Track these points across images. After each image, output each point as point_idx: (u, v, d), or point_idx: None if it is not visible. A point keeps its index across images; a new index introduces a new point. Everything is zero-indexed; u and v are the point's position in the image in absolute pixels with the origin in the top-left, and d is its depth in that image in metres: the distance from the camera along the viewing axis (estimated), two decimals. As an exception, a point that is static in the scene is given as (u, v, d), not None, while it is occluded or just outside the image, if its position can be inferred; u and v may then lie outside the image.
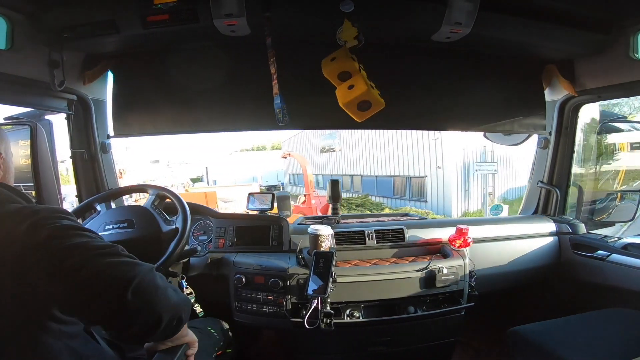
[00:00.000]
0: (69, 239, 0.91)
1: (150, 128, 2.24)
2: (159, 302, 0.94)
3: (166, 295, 0.97)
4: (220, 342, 1.63)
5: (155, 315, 0.94)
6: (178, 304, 1.01)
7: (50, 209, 0.99)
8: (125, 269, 0.92)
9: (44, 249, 0.89)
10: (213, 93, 2.07)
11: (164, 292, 0.97)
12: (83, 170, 2.25)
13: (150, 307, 0.93)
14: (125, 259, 0.94)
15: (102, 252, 0.92)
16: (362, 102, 1.70)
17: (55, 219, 0.94)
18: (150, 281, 0.94)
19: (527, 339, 1.74)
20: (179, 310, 1.01)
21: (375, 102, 1.70)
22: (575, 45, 1.96)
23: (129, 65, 2.09)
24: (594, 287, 2.10)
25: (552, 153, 2.45)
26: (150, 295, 0.93)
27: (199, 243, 2.08)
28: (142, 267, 0.95)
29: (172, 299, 0.99)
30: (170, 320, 0.98)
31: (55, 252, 0.89)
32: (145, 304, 0.92)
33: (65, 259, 0.88)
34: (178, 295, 1.03)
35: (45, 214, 0.95)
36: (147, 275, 0.94)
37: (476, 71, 2.22)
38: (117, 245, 0.97)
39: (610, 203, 2.53)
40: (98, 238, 0.98)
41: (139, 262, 0.96)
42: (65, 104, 2.04)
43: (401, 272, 1.84)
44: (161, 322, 0.95)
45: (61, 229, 0.93)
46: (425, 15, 1.69)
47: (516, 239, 2.24)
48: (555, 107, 2.37)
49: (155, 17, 1.60)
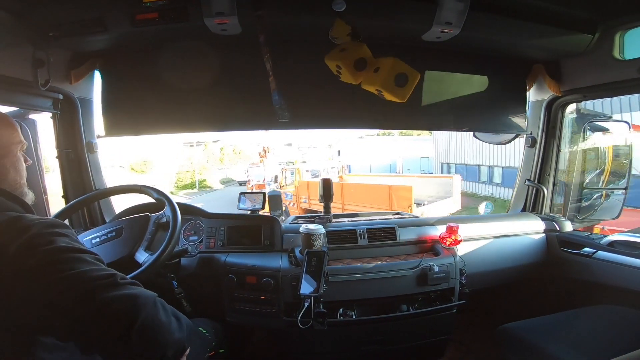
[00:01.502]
0: (65, 265, 0.86)
1: (140, 128, 2.21)
2: (163, 341, 0.92)
3: (169, 331, 0.94)
4: (213, 343, 1.62)
5: (159, 353, 0.91)
6: (181, 337, 0.98)
7: (44, 224, 0.93)
8: (128, 305, 0.88)
9: (37, 278, 0.84)
10: (204, 92, 2.05)
11: (168, 328, 0.93)
12: (69, 171, 2.21)
13: (155, 347, 0.91)
14: (127, 290, 0.90)
15: (103, 284, 0.87)
16: (398, 76, 1.61)
17: (48, 238, 0.89)
18: (154, 318, 0.91)
19: (517, 336, 1.77)
20: (182, 342, 0.98)
21: (410, 72, 1.62)
22: (561, 45, 1.99)
23: (118, 64, 2.06)
24: (581, 284, 2.14)
25: (538, 152, 2.48)
26: (154, 334, 0.90)
27: (190, 243, 2.06)
28: (145, 300, 0.91)
29: (175, 334, 0.96)
30: (174, 354, 0.96)
31: (51, 283, 0.85)
32: (149, 344, 0.89)
33: (62, 293, 0.84)
34: (180, 327, 0.99)
35: (37, 230, 0.89)
36: (151, 312, 0.90)
37: (465, 71, 2.24)
38: (116, 273, 0.92)
39: (596, 201, 2.58)
40: (95, 262, 0.93)
41: (141, 293, 0.92)
42: (51, 103, 2.00)
43: (393, 271, 1.85)
44: (166, 358, 0.93)
45: (56, 252, 0.88)
46: (416, 14, 1.70)
47: (505, 237, 2.26)
48: (542, 106, 2.40)
49: (145, 15, 1.58)
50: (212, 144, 37.86)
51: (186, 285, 1.79)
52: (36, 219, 0.94)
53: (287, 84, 1.79)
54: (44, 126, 2.16)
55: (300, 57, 1.85)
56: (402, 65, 1.61)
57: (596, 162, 2.52)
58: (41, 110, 2.01)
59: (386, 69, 1.60)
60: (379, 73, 1.61)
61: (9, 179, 1.09)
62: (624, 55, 1.86)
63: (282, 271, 1.82)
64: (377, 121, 2.32)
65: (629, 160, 2.48)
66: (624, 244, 2.02)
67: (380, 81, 1.61)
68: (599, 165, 2.53)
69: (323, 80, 1.77)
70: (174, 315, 0.99)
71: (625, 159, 2.50)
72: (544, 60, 2.23)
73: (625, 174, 2.50)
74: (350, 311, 1.80)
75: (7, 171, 1.09)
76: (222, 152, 39.58)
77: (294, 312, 1.69)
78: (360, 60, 1.63)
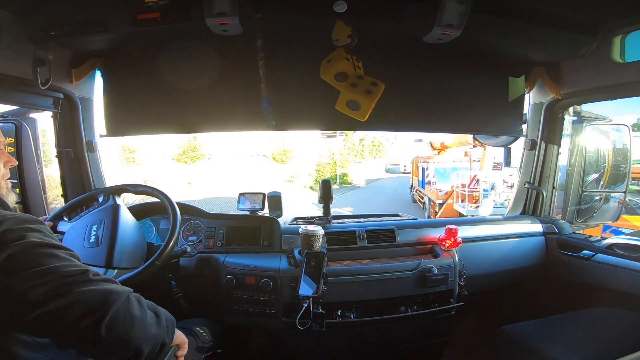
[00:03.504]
0: (35, 261, 0.85)
1: (141, 128, 2.22)
2: (135, 336, 0.89)
3: (144, 325, 0.91)
4: (210, 343, 1.62)
5: (132, 348, 0.89)
6: (158, 332, 0.96)
7: (16, 219, 0.90)
8: (98, 300, 0.85)
9: (7, 274, 0.82)
10: (205, 92, 2.06)
11: (142, 322, 0.91)
12: (69, 169, 2.22)
13: (127, 342, 0.88)
14: (99, 286, 0.88)
15: (73, 281, 0.85)
16: (349, 102, 1.69)
17: (20, 233, 0.87)
18: (125, 313, 0.88)
19: (515, 338, 1.77)
20: (160, 338, 0.96)
21: (363, 102, 1.69)
22: (562, 48, 1.99)
23: (119, 64, 2.06)
24: (580, 286, 2.14)
25: (538, 154, 2.48)
26: (125, 328, 0.87)
27: (189, 243, 2.05)
28: (117, 295, 0.88)
29: (151, 329, 0.93)
30: (152, 349, 0.94)
31: (20, 279, 0.82)
32: (120, 339, 0.87)
33: (31, 289, 0.82)
34: (159, 322, 0.97)
35: (8, 225, 0.87)
36: (123, 306, 0.87)
37: (465, 73, 2.24)
38: (89, 269, 0.90)
39: (595, 204, 2.58)
40: (69, 257, 0.90)
41: (113, 288, 0.90)
42: (52, 102, 2.01)
43: (392, 273, 1.85)
44: (141, 354, 0.91)
45: (27, 248, 0.86)
46: (417, 16, 1.69)
47: (504, 239, 2.27)
48: (542, 109, 2.40)
49: (146, 15, 1.58)
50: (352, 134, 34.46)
51: (185, 285, 1.79)
52: (8, 214, 0.92)
53: (285, 86, 1.80)
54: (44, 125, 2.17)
55: (302, 58, 1.86)
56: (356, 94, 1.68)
57: (596, 165, 2.52)
58: (42, 109, 2.02)
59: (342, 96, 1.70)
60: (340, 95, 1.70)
61: None
62: (624, 58, 1.86)
63: (281, 272, 1.82)
64: (375, 123, 2.32)
65: (628, 164, 2.48)
66: (622, 247, 2.03)
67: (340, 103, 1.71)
68: (599, 168, 2.53)
69: (320, 82, 1.77)
70: (152, 310, 0.97)
71: (624, 162, 2.51)
72: (545, 63, 2.23)
73: (624, 177, 2.50)
74: (349, 312, 1.80)
75: None
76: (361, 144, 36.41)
77: (293, 313, 1.69)
78: (340, 74, 1.70)
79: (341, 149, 32.59)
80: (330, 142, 32.28)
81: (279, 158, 32.97)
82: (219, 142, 32.98)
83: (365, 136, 34.53)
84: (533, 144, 2.49)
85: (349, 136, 33.25)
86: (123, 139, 26.71)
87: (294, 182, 27.90)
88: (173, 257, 1.73)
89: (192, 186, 25.96)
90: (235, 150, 33.16)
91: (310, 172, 29.75)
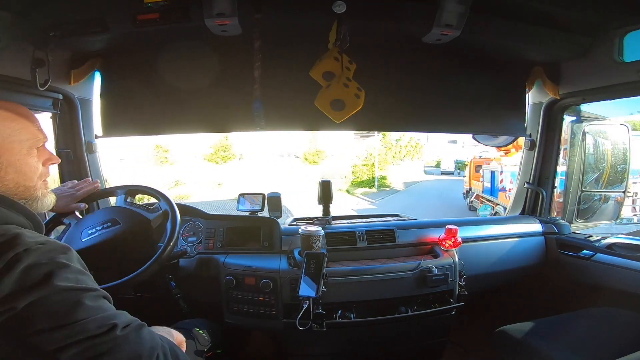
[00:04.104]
0: (60, 315, 0.76)
1: (139, 128, 2.22)
2: None
3: None
4: (210, 343, 1.61)
5: None
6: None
7: (42, 249, 0.81)
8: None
9: (24, 326, 0.74)
10: (204, 93, 2.05)
11: None
12: (68, 171, 2.21)
13: None
14: (129, 346, 0.81)
15: (102, 342, 0.78)
16: (334, 101, 1.68)
17: (45, 271, 0.78)
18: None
19: (515, 338, 1.77)
20: None
21: (349, 103, 1.69)
22: (561, 48, 1.99)
23: (118, 64, 2.06)
24: (579, 286, 2.14)
25: (537, 154, 2.49)
26: None
27: (189, 244, 2.05)
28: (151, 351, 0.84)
29: None
30: None
31: (42, 337, 0.74)
32: None
33: (54, 353, 0.74)
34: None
35: (33, 259, 0.78)
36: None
37: (464, 73, 2.24)
38: (118, 322, 0.82)
39: (595, 204, 2.58)
40: (96, 305, 0.81)
41: (144, 345, 0.84)
42: (51, 102, 2.00)
43: (392, 273, 1.85)
44: None
45: (51, 295, 0.76)
46: (416, 17, 1.70)
47: (504, 239, 2.27)
48: (541, 109, 2.41)
49: (146, 15, 1.58)
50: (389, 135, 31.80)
51: (184, 286, 1.79)
52: (32, 242, 0.82)
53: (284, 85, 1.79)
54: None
55: (298, 60, 1.86)
56: (347, 94, 1.67)
57: (595, 164, 2.52)
58: (41, 110, 2.01)
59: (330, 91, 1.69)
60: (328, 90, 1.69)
61: (8, 181, 0.97)
62: (623, 57, 1.86)
63: (281, 272, 1.81)
64: (373, 122, 2.33)
65: (627, 163, 2.48)
66: (622, 246, 2.03)
67: (322, 98, 1.69)
68: (598, 168, 2.54)
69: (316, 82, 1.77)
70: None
71: (623, 162, 2.51)
72: (544, 63, 2.23)
73: (624, 177, 2.51)
74: (349, 313, 1.79)
75: (6, 172, 0.97)
76: (397, 144, 33.36)
77: (293, 313, 1.69)
78: (327, 74, 1.71)
79: (379, 150, 30.76)
80: (365, 142, 31.04)
81: (311, 159, 32.10)
82: (249, 142, 32.38)
83: (401, 136, 32.79)
84: (532, 144, 2.50)
85: (386, 136, 31.33)
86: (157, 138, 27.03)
87: None
88: (173, 258, 1.73)
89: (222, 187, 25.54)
90: (266, 150, 32.39)
91: (344, 173, 28.31)
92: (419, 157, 33.44)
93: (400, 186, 27.60)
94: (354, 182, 28.08)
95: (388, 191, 26.21)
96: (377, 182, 27.32)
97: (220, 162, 32.01)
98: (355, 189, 26.98)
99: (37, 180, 1.05)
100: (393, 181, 28.80)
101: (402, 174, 29.65)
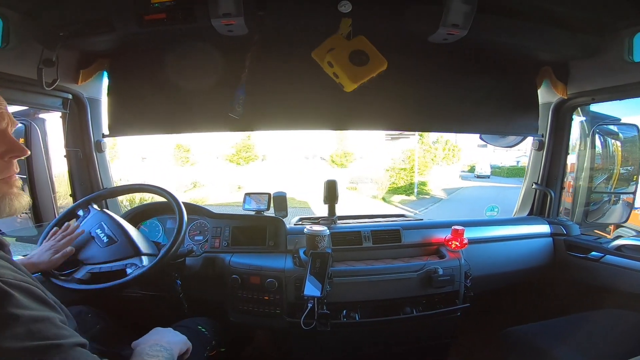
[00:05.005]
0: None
1: (146, 128, 2.24)
2: None
3: None
4: (212, 342, 1.62)
5: None
6: None
7: None
8: None
9: None
10: (210, 93, 2.06)
11: None
12: (78, 169, 2.24)
13: None
14: None
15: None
16: (356, 53, 1.67)
17: None
18: None
19: (522, 339, 1.76)
20: None
21: (374, 59, 1.67)
22: (570, 48, 1.97)
23: (125, 64, 2.08)
24: (588, 288, 2.12)
25: (546, 155, 2.46)
26: None
27: (195, 243, 2.07)
28: None
29: None
30: None
31: None
32: None
33: None
34: None
35: None
36: None
37: (471, 73, 2.22)
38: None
39: (604, 205, 2.55)
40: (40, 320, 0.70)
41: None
42: (60, 102, 2.04)
43: (397, 273, 1.84)
44: None
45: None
46: (422, 16, 1.68)
47: (511, 240, 2.25)
48: (549, 109, 2.38)
49: (152, 16, 1.59)
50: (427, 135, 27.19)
51: (190, 284, 1.80)
52: None
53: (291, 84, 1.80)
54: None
55: (307, 57, 1.86)
56: (371, 47, 1.68)
57: (605, 165, 2.49)
58: (51, 109, 2.04)
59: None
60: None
61: None
62: (633, 57, 1.84)
63: (286, 272, 1.82)
64: (380, 122, 2.32)
65: (638, 164, 2.45)
66: (632, 248, 2.00)
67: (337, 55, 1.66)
68: (608, 169, 2.51)
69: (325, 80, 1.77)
70: None
71: (634, 162, 2.48)
72: (552, 63, 2.21)
73: (634, 177, 2.47)
74: (353, 313, 1.79)
75: None
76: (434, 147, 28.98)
77: (297, 313, 1.69)
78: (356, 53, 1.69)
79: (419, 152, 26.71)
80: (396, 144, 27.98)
81: (338, 161, 29.68)
82: (273, 142, 30.53)
83: (438, 138, 28.97)
84: (541, 144, 2.47)
85: (424, 137, 27.42)
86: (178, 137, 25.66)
87: (357, 190, 24.24)
88: (179, 257, 1.74)
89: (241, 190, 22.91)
90: (291, 151, 30.42)
91: (375, 177, 25.37)
92: (458, 160, 30.54)
93: (441, 193, 24.39)
94: (389, 189, 24.84)
95: (429, 199, 22.95)
96: (417, 188, 24.21)
97: (242, 163, 30.22)
98: (391, 196, 23.85)
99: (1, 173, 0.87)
100: (432, 188, 25.36)
101: (438, 179, 26.40)
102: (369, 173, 25.72)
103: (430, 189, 24.87)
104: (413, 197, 23.54)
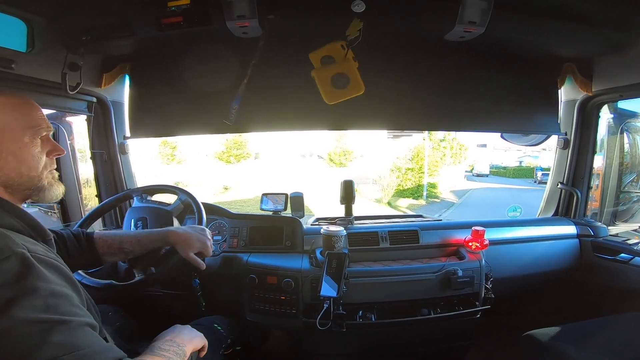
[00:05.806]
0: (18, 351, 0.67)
1: (166, 129, 2.29)
2: None
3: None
4: (228, 340, 1.63)
5: None
6: None
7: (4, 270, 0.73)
8: None
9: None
10: (226, 94, 2.09)
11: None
12: (103, 171, 2.31)
13: None
14: None
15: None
16: (338, 76, 1.73)
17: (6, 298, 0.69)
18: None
19: (543, 342, 1.70)
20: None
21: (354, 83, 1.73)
22: (593, 44, 1.91)
23: (145, 67, 2.14)
24: (615, 290, 2.04)
25: (572, 153, 2.39)
26: None
27: (214, 243, 2.09)
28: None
29: None
30: None
31: None
32: None
33: None
34: None
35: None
36: None
37: (491, 70, 2.19)
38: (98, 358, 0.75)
39: (633, 205, 2.46)
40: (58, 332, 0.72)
41: None
42: (86, 105, 2.10)
43: (415, 274, 1.82)
44: None
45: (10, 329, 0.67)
46: (438, 14, 1.67)
47: (535, 241, 2.20)
48: (574, 106, 2.31)
49: (170, 19, 1.62)
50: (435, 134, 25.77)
51: (208, 283, 1.82)
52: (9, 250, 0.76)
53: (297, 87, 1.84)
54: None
55: None
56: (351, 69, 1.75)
57: (634, 164, 2.40)
58: (76, 112, 2.11)
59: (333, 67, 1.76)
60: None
61: (9, 169, 0.94)
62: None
63: (303, 272, 1.82)
64: (399, 122, 2.30)
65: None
66: None
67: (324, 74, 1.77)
68: (637, 168, 2.41)
69: None
70: None
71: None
72: (575, 59, 2.14)
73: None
74: (370, 314, 1.78)
75: (6, 160, 0.93)
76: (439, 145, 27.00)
77: (313, 313, 1.69)
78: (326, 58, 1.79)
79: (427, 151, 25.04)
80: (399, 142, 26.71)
81: (337, 160, 28.59)
82: (267, 140, 28.92)
83: (445, 136, 27.19)
84: (566, 142, 2.40)
85: (432, 134, 25.60)
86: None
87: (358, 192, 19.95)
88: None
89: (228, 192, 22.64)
90: (286, 149, 29.05)
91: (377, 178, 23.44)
92: (465, 159, 29.30)
93: (451, 196, 22.68)
94: (397, 191, 22.97)
95: (439, 203, 21.37)
96: (426, 190, 22.27)
97: (233, 161, 28.81)
98: (397, 199, 22.05)
99: (42, 170, 1.01)
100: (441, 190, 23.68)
101: (444, 180, 24.85)
102: (370, 173, 23.95)
103: (440, 191, 23.33)
104: (422, 201, 22.07)
